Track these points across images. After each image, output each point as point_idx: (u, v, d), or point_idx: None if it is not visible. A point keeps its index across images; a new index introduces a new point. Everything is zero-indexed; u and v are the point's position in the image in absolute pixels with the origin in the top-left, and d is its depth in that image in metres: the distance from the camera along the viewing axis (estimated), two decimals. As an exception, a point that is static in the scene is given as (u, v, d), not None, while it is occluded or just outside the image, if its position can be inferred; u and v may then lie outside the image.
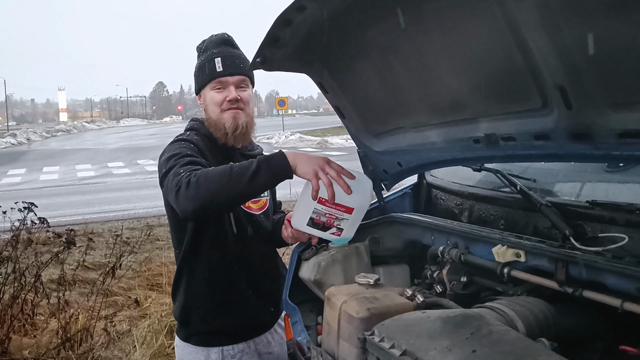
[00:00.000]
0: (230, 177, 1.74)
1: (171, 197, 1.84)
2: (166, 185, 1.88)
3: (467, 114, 1.88)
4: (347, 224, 1.94)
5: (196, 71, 2.24)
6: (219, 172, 1.77)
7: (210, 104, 2.18)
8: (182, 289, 2.21)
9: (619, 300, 1.48)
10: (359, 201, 1.91)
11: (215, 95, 2.17)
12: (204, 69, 2.19)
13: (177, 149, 2.02)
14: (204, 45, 2.25)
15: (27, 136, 43.73)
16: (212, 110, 2.18)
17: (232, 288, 2.17)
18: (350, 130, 2.48)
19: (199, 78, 2.22)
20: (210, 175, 1.76)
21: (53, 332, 4.51)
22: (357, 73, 2.14)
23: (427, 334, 1.51)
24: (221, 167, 1.79)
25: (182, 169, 1.87)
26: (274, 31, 1.91)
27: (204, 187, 1.74)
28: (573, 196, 1.99)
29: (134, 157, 25.29)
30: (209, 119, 2.20)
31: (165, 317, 4.74)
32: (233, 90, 2.17)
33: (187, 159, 1.94)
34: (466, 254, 2.02)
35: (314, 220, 1.93)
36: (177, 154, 1.99)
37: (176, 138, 2.15)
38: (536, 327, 1.61)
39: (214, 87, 2.17)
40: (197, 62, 2.24)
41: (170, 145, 2.09)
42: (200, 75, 2.21)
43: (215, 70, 2.16)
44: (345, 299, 1.90)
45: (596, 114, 1.45)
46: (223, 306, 2.17)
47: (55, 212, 10.44)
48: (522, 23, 1.41)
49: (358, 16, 1.83)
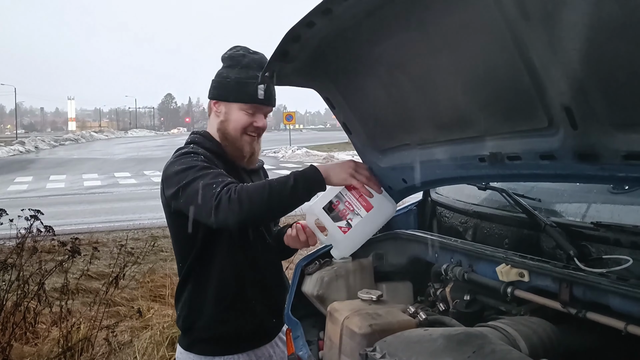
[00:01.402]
0: (271, 194, 1.85)
1: (206, 210, 1.88)
2: (192, 197, 1.90)
3: (473, 132, 1.89)
4: (358, 222, 1.96)
5: (227, 81, 2.17)
6: (259, 188, 1.86)
7: (234, 122, 2.18)
8: (186, 297, 2.20)
9: (623, 322, 1.47)
10: (379, 204, 1.95)
11: (243, 117, 2.17)
12: (242, 86, 2.15)
13: (191, 162, 2.02)
14: (244, 60, 2.18)
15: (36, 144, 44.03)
16: (232, 128, 2.18)
17: (239, 296, 2.17)
18: (356, 146, 2.49)
19: (229, 90, 2.17)
20: (252, 192, 1.84)
21: (54, 340, 4.50)
22: (364, 89, 2.16)
23: (428, 352, 1.50)
24: (260, 184, 1.89)
25: (213, 181, 1.91)
26: (283, 46, 1.93)
27: (247, 203, 1.83)
28: (578, 217, 1.98)
29: (141, 167, 25.39)
30: (225, 134, 2.20)
31: (167, 328, 4.73)
32: (263, 119, 2.22)
33: (213, 173, 1.96)
34: (470, 272, 2.01)
35: (332, 204, 1.97)
36: (194, 166, 1.99)
37: (183, 151, 2.13)
38: (539, 347, 1.59)
39: (245, 109, 2.17)
40: (231, 72, 2.17)
41: (179, 159, 2.07)
42: (234, 89, 2.16)
43: (257, 97, 2.16)
44: (347, 315, 1.89)
45: (602, 135, 1.45)
46: (228, 314, 2.17)
47: (61, 220, 10.49)
48: (529, 42, 1.42)
49: (366, 33, 1.84)
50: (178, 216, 2.05)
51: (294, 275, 2.50)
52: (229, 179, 1.96)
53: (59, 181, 20.72)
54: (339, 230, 1.98)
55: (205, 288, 2.16)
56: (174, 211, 2.07)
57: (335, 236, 2.02)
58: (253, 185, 1.89)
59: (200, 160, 2.06)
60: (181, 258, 2.22)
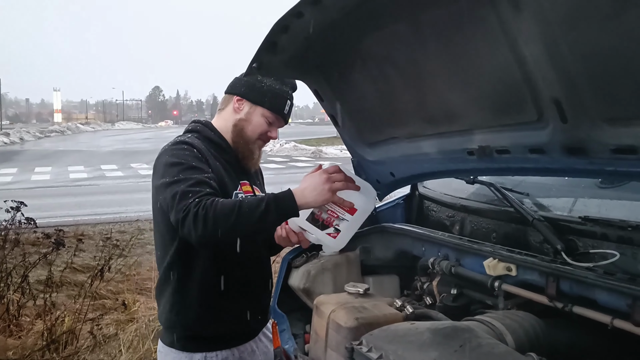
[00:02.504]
0: (239, 216, 1.78)
1: (174, 217, 1.85)
2: (168, 200, 1.87)
3: (461, 125, 1.88)
4: (345, 226, 1.93)
5: (262, 86, 2.20)
6: (229, 208, 1.79)
7: (254, 126, 2.20)
8: (168, 292, 2.17)
9: (609, 317, 1.47)
10: (363, 203, 1.93)
11: (263, 124, 2.20)
12: (274, 96, 2.20)
13: (182, 157, 1.98)
14: (281, 76, 2.24)
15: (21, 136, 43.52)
16: (251, 130, 2.20)
17: (224, 293, 2.14)
18: (344, 139, 2.48)
19: (261, 95, 2.20)
20: (220, 211, 1.79)
21: (38, 333, 4.45)
22: (353, 82, 2.14)
23: (415, 345, 1.50)
24: (230, 203, 1.82)
25: (190, 190, 1.87)
26: (271, 37, 1.91)
27: (212, 222, 1.78)
28: (566, 211, 1.99)
29: (128, 160, 25.20)
30: (242, 133, 2.21)
31: (152, 321, 4.69)
32: (277, 132, 2.28)
33: (195, 179, 1.91)
34: (457, 266, 2.01)
35: (315, 215, 1.94)
36: (182, 163, 1.95)
37: (178, 139, 2.11)
38: (525, 341, 1.60)
39: (267, 117, 2.20)
40: (267, 79, 2.21)
41: (172, 148, 2.04)
42: (266, 96, 2.20)
43: (282, 111, 2.22)
44: (334, 308, 1.88)
45: (591, 129, 1.45)
46: (212, 311, 2.14)
47: (45, 213, 10.36)
48: (519, 35, 1.41)
49: (356, 25, 1.83)
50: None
51: (280, 268, 2.49)
52: (207, 189, 1.90)
53: (44, 173, 20.51)
54: (328, 237, 1.96)
55: (188, 287, 2.13)
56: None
57: (325, 242, 2.00)
58: (223, 203, 1.82)
59: (192, 155, 2.02)
60: (163, 247, 2.18)
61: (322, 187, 1.86)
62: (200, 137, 2.17)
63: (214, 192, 1.92)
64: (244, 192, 2.18)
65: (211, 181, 1.96)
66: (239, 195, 2.14)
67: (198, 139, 2.15)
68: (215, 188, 1.95)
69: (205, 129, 2.23)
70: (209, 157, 2.09)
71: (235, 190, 2.15)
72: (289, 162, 23.47)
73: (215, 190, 1.94)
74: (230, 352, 2.17)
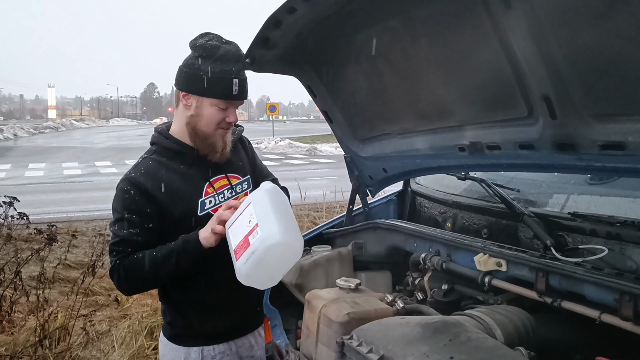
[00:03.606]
0: (156, 271, 1.96)
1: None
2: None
3: (453, 121, 1.89)
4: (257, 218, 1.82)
5: (200, 74, 2.02)
6: (145, 266, 1.94)
7: (206, 119, 2.06)
8: (166, 290, 2.19)
9: (597, 312, 1.49)
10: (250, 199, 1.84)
11: (216, 114, 2.05)
12: (216, 81, 2.02)
13: (119, 204, 2.01)
14: (218, 52, 2.03)
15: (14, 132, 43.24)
16: (205, 124, 2.07)
17: (217, 290, 2.14)
18: (337, 135, 2.48)
19: (201, 84, 2.03)
20: (138, 271, 1.95)
21: (31, 329, 4.43)
22: (345, 77, 2.15)
23: (405, 340, 1.51)
24: (147, 260, 1.94)
25: (114, 249, 2.00)
26: (264, 32, 1.91)
27: (132, 280, 1.99)
28: (556, 207, 2.00)
29: (122, 157, 25.09)
30: (196, 130, 2.08)
31: (145, 318, 4.68)
32: (235, 114, 2.12)
33: (120, 237, 1.99)
34: (448, 261, 2.02)
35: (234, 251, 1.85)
36: (117, 212, 2.01)
37: (126, 176, 2.06)
38: (515, 336, 1.61)
39: (218, 105, 2.04)
40: (204, 64, 2.03)
41: (119, 187, 2.04)
42: (207, 84, 2.02)
43: (232, 93, 2.03)
44: (325, 303, 1.89)
45: (580, 125, 1.46)
46: (210, 308, 2.14)
47: (39, 209, 10.33)
48: (510, 31, 1.42)
49: (348, 20, 1.83)
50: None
51: (273, 264, 2.49)
52: (128, 249, 1.99)
53: (37, 169, 20.40)
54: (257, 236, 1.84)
55: (182, 286, 2.14)
56: None
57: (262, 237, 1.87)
58: (139, 264, 1.96)
59: (130, 200, 1.99)
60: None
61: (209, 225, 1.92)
62: (158, 150, 2.12)
63: (139, 247, 1.99)
64: (218, 188, 2.13)
65: (137, 237, 1.99)
66: (205, 202, 2.09)
67: (155, 156, 2.11)
68: (140, 243, 1.99)
69: (160, 139, 2.14)
70: (154, 189, 2.04)
71: (200, 197, 2.08)
72: (284, 159, 23.44)
73: (139, 245, 1.99)
74: (227, 345, 2.18)
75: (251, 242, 1.72)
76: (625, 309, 1.41)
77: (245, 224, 1.79)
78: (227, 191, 2.13)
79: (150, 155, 2.12)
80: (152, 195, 2.02)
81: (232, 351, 2.20)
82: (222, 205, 1.99)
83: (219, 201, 2.10)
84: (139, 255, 1.97)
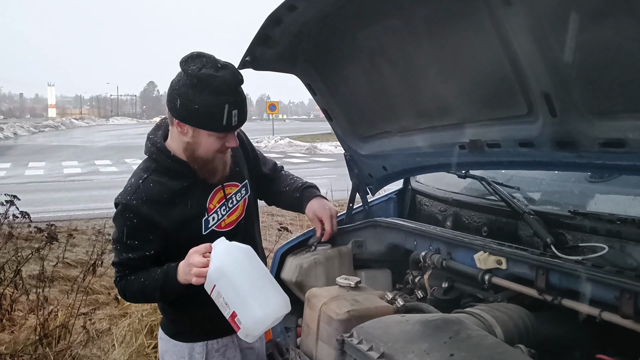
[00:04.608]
0: (146, 297, 2.16)
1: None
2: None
3: (453, 119, 1.89)
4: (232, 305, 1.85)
5: (196, 108, 1.85)
6: (137, 292, 2.07)
7: (205, 147, 1.96)
8: None
9: (597, 309, 1.49)
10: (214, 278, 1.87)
11: (214, 143, 1.94)
12: (214, 115, 1.86)
13: (120, 230, 2.00)
14: (214, 82, 1.84)
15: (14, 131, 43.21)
16: (203, 152, 1.97)
17: None
18: (337, 133, 2.48)
19: (198, 117, 1.88)
20: (133, 292, 2.09)
21: (31, 328, 4.44)
22: (346, 76, 2.15)
23: (405, 337, 1.51)
24: (139, 286, 2.04)
25: (115, 267, 2.09)
26: (264, 30, 1.91)
27: (130, 297, 2.15)
28: (556, 205, 2.00)
29: (122, 155, 25.09)
30: (195, 156, 2.00)
31: (146, 316, 4.68)
32: (235, 138, 2.02)
33: (120, 260, 2.05)
34: (448, 259, 2.02)
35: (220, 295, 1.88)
36: (118, 239, 2.03)
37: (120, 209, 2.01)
38: (515, 333, 1.61)
39: (215, 135, 1.92)
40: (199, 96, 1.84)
41: (118, 214, 2.01)
42: (203, 117, 1.87)
43: (232, 125, 1.90)
44: (325, 301, 1.89)
45: (580, 122, 1.46)
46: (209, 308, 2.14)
47: (39, 208, 10.33)
48: (510, 29, 1.42)
49: (348, 18, 1.83)
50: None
51: (272, 262, 2.50)
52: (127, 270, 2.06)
53: (37, 168, 20.39)
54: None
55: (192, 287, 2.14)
56: None
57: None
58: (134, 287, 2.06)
59: (131, 227, 1.98)
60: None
61: (186, 269, 1.93)
62: (158, 169, 2.05)
63: (138, 269, 2.05)
64: (218, 200, 2.10)
65: (136, 262, 2.03)
66: (209, 220, 2.08)
67: (154, 176, 2.04)
68: (138, 266, 2.04)
69: (161, 158, 2.05)
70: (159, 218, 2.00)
71: (203, 217, 2.06)
72: (284, 158, 23.43)
73: (138, 268, 2.05)
74: (231, 338, 2.21)
75: (240, 326, 1.85)
76: (626, 307, 1.41)
77: (222, 303, 1.87)
78: (228, 202, 2.15)
79: (150, 175, 2.05)
80: (157, 223, 2.01)
81: (235, 343, 2.24)
82: (192, 254, 1.92)
83: (222, 215, 2.11)
84: (132, 279, 2.06)
